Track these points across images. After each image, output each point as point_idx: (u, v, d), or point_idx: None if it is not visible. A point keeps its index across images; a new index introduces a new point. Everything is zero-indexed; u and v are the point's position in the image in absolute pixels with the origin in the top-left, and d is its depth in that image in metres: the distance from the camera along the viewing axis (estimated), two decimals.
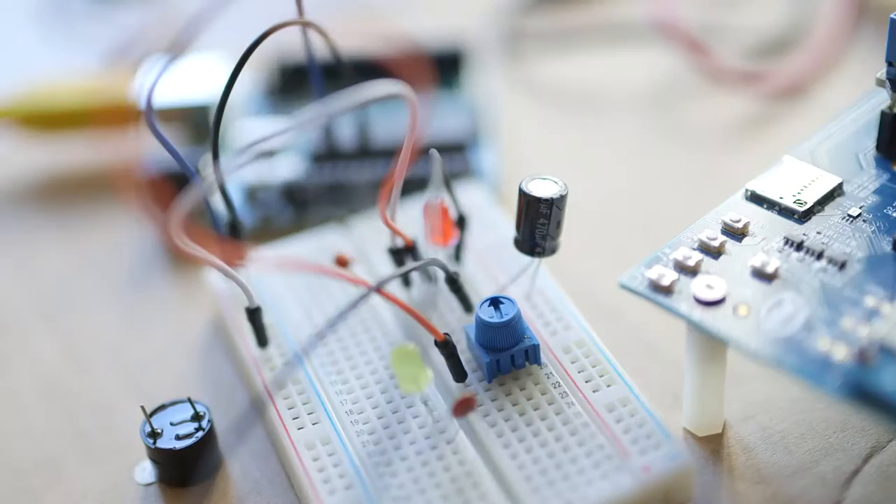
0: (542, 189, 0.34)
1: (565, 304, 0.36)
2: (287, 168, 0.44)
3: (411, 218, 0.39)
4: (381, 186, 0.32)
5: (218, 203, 0.43)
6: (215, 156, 0.35)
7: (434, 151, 0.34)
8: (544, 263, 0.38)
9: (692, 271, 0.33)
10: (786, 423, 0.35)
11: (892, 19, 0.34)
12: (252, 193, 0.43)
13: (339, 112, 0.29)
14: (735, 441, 0.34)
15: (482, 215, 0.40)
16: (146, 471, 0.35)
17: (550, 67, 0.51)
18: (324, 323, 0.36)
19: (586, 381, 0.34)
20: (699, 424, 0.35)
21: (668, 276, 0.33)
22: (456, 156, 0.44)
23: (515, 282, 0.37)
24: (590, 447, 0.32)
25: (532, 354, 0.34)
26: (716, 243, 0.34)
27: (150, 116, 0.33)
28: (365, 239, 0.40)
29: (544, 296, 0.37)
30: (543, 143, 0.47)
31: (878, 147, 0.37)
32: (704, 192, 0.40)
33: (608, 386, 0.34)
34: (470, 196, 0.41)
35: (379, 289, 0.32)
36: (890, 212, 0.34)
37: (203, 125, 0.47)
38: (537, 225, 0.35)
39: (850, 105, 0.38)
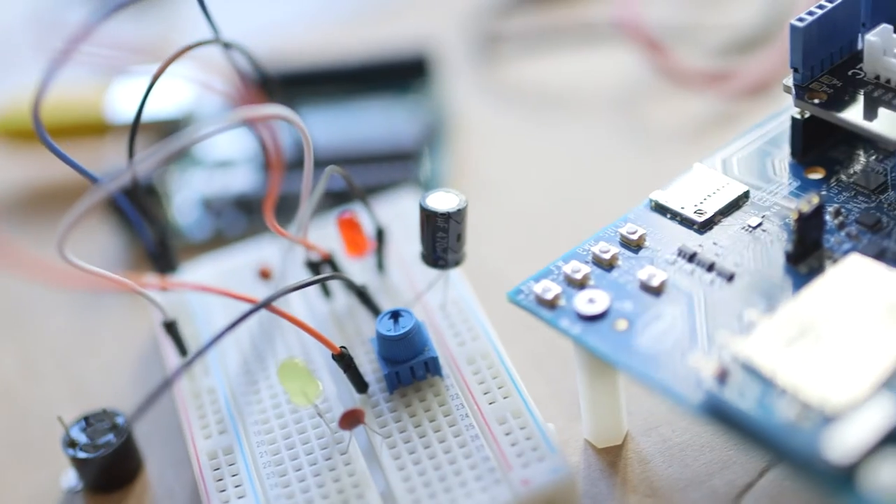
0: (441, 203, 0.35)
1: (477, 314, 0.37)
2: (240, 179, 0.45)
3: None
4: (265, 200, 0.33)
5: (178, 215, 0.45)
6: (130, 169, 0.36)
7: (334, 167, 0.35)
8: (469, 272, 0.39)
9: (579, 285, 0.33)
10: (687, 436, 0.34)
11: (793, 25, 0.34)
12: (207, 204, 0.45)
13: (212, 135, 0.30)
14: (634, 453, 0.34)
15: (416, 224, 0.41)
16: (70, 478, 0.37)
17: (522, 70, 0.51)
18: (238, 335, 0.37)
19: (484, 393, 0.34)
20: (598, 436, 0.35)
21: (552, 290, 0.33)
22: (407, 163, 0.44)
23: (434, 292, 0.37)
24: (475, 460, 0.33)
25: (432, 366, 0.35)
26: (607, 256, 0.33)
27: (40, 128, 0.33)
28: (299, 251, 0.41)
29: (459, 306, 0.37)
30: (507, 148, 0.47)
31: (793, 154, 0.36)
32: None
33: (505, 398, 0.34)
34: (410, 204, 0.41)
35: (268, 304, 0.33)
36: (790, 222, 0.34)
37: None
38: (437, 238, 0.35)
39: (773, 110, 0.38)
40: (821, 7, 0.34)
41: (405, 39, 0.51)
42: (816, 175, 0.35)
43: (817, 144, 0.36)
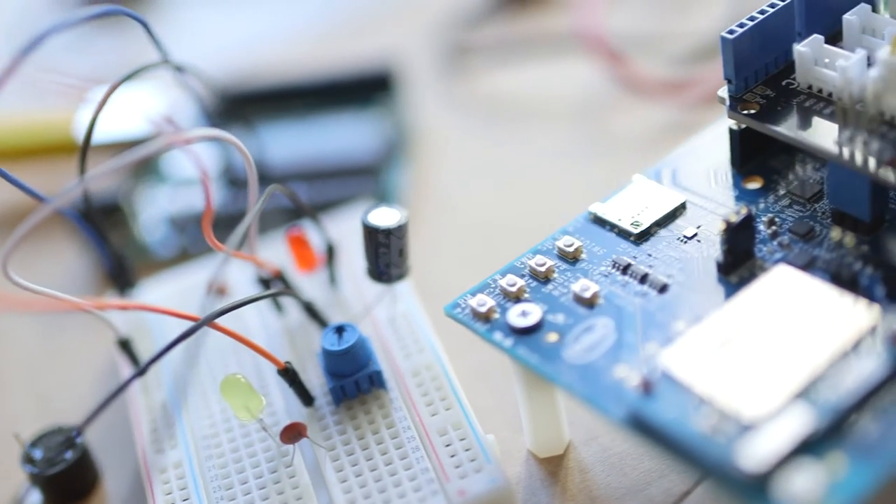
0: (383, 219, 0.35)
1: (423, 327, 0.37)
2: (198, 196, 0.46)
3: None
4: (203, 218, 0.33)
5: (144, 233, 0.46)
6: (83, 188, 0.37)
7: (276, 186, 0.36)
8: (425, 285, 0.39)
9: (515, 298, 0.34)
10: (626, 445, 0.35)
11: (723, 38, 0.34)
12: (173, 221, 0.45)
13: (146, 157, 0.31)
14: (575, 462, 0.35)
15: None
16: (30, 492, 0.38)
17: (487, 82, 0.51)
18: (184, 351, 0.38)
19: (427, 405, 0.35)
20: (539, 446, 0.35)
21: (487, 303, 0.33)
22: (367, 178, 0.45)
23: (385, 305, 0.38)
24: (415, 471, 0.33)
25: (376, 380, 0.36)
26: (543, 269, 0.34)
27: None
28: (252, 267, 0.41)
29: (407, 319, 0.38)
30: (468, 160, 0.48)
31: (732, 164, 0.36)
32: None
33: (447, 409, 0.35)
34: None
35: (210, 322, 0.34)
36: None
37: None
38: (379, 254, 0.36)
39: (716, 119, 0.38)
40: (752, 19, 0.34)
41: (373, 54, 0.51)
42: (754, 184, 0.35)
43: (757, 154, 0.36)
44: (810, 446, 0.28)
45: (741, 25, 0.34)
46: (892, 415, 0.28)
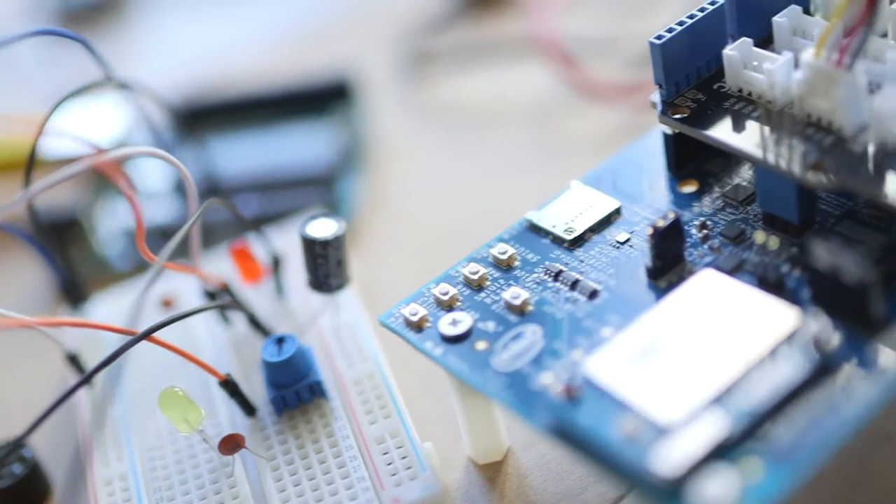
0: (320, 230, 0.36)
1: (367, 337, 0.37)
2: (164, 209, 0.46)
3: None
4: (136, 231, 0.34)
5: (103, 246, 0.46)
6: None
7: (214, 200, 0.36)
8: (377, 294, 0.39)
9: (447, 306, 0.34)
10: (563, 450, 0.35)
11: (651, 43, 0.34)
12: (132, 235, 0.46)
13: (68, 178, 0.31)
14: (513, 468, 0.35)
15: None
16: None
17: (447, 89, 0.51)
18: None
19: (367, 414, 0.35)
20: (478, 453, 0.35)
21: (419, 312, 0.33)
22: (322, 188, 0.45)
23: (332, 315, 0.38)
24: (352, 480, 0.34)
25: (317, 389, 0.36)
26: (476, 277, 0.34)
27: None
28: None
29: (352, 329, 0.38)
30: (426, 168, 0.48)
31: (668, 168, 0.36)
32: None
33: (385, 418, 0.35)
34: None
35: (149, 336, 0.34)
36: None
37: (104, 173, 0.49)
38: (318, 264, 0.36)
39: (654, 124, 0.38)
40: (681, 23, 0.34)
41: (334, 62, 0.52)
42: (690, 188, 0.36)
43: (693, 157, 0.36)
44: (726, 451, 0.28)
45: (670, 30, 0.34)
46: (808, 418, 0.28)
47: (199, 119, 0.49)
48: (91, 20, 0.61)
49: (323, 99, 0.49)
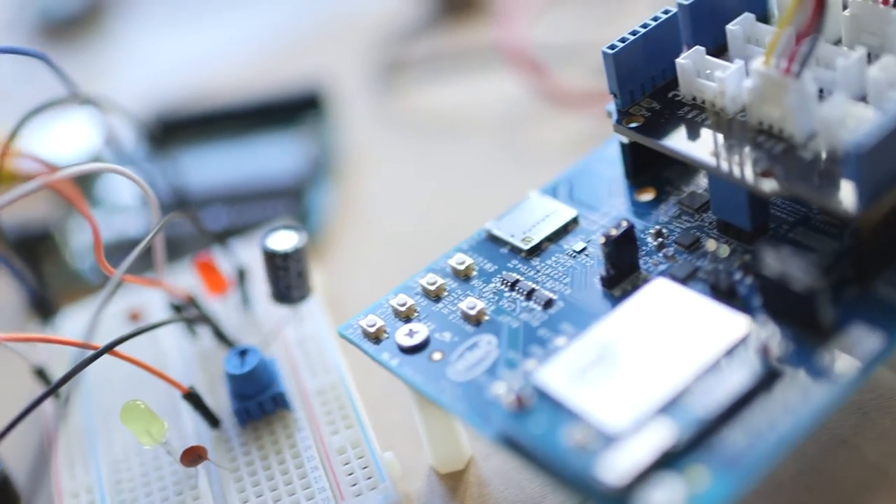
0: (280, 243, 0.36)
1: (331, 347, 0.38)
2: (135, 222, 0.46)
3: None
4: (95, 245, 0.34)
5: (76, 260, 0.46)
6: None
7: (175, 214, 0.36)
8: (346, 305, 0.40)
9: (405, 317, 0.34)
10: None
11: (604, 52, 0.34)
12: (105, 248, 0.46)
13: (19, 197, 0.31)
14: (475, 477, 0.35)
15: None
16: None
17: (420, 98, 0.52)
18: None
19: (329, 424, 0.36)
20: (440, 462, 0.36)
21: (377, 323, 0.34)
22: (291, 199, 0.45)
23: (297, 326, 0.39)
24: (313, 490, 0.34)
25: (280, 401, 0.36)
26: (433, 287, 0.34)
27: None
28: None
29: (316, 340, 0.38)
30: (397, 177, 0.48)
31: (626, 176, 0.37)
32: None
33: (347, 428, 0.35)
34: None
35: (111, 350, 0.34)
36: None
37: (76, 186, 0.49)
38: (279, 276, 0.36)
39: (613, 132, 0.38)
40: (634, 33, 0.35)
41: (307, 73, 0.52)
42: (647, 196, 0.36)
43: (651, 165, 0.36)
44: (672, 459, 0.28)
45: (623, 40, 0.35)
46: (756, 426, 0.28)
47: (171, 132, 0.49)
48: (71, 33, 0.62)
49: (294, 110, 0.49)
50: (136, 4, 0.64)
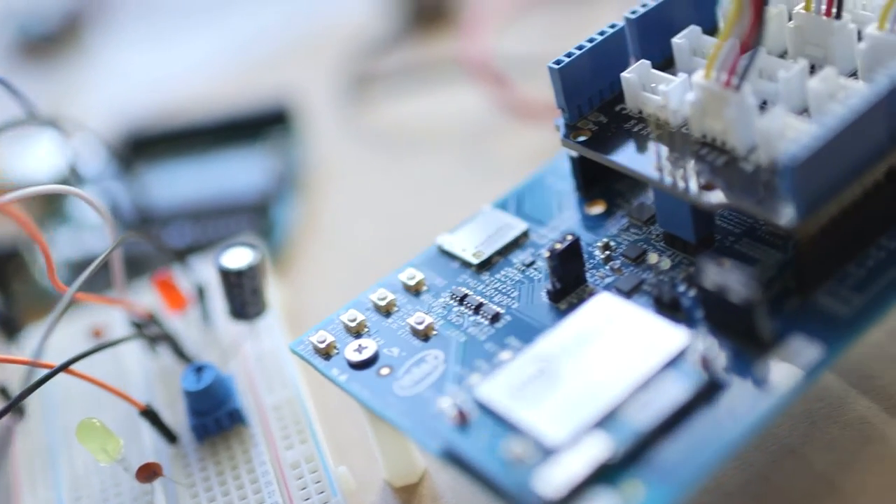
0: (234, 260, 0.36)
1: (288, 362, 0.38)
2: (102, 240, 0.47)
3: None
4: (46, 264, 0.34)
5: (44, 278, 0.47)
6: None
7: (129, 234, 0.36)
8: (304, 319, 0.40)
9: (355, 333, 0.34)
10: None
11: (550, 67, 0.35)
12: (73, 266, 0.47)
13: None
14: (428, 490, 0.35)
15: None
16: None
17: (388, 112, 0.52)
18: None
19: (284, 439, 0.36)
20: (394, 476, 0.36)
21: (327, 339, 0.34)
22: (256, 214, 0.46)
23: (256, 341, 0.39)
24: None
25: (237, 417, 0.36)
26: (384, 303, 0.35)
27: None
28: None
29: (274, 355, 0.39)
30: (363, 191, 0.48)
31: (578, 189, 0.37)
32: None
33: (302, 443, 0.36)
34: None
35: (66, 368, 0.35)
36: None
37: (47, 204, 0.50)
38: (234, 294, 0.37)
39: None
40: (580, 47, 0.35)
41: (277, 87, 0.52)
42: (598, 209, 0.36)
43: (602, 178, 0.37)
44: (609, 473, 0.28)
45: (569, 55, 0.35)
46: (693, 438, 0.29)
47: (142, 149, 0.50)
48: (49, 51, 0.62)
49: (261, 125, 0.49)
50: (114, 22, 0.64)
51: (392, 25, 0.56)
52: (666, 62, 0.36)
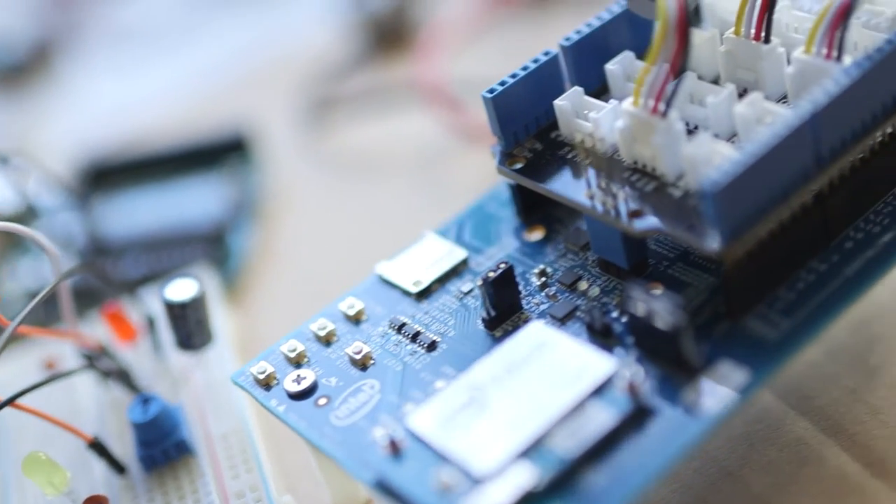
0: (178, 292, 0.37)
1: (236, 391, 0.38)
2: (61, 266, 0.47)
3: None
4: None
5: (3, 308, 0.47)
6: None
7: (76, 268, 0.37)
8: (259, 347, 0.40)
9: (295, 363, 0.35)
10: None
11: (484, 96, 0.35)
12: (32, 295, 0.47)
13: None
14: None
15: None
16: None
17: (349, 136, 0.52)
18: None
19: (230, 469, 0.36)
20: (337, 502, 0.36)
21: (267, 370, 0.34)
22: (211, 243, 0.46)
23: (207, 371, 0.39)
24: None
25: (183, 447, 0.37)
26: (324, 333, 0.35)
27: None
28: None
29: (224, 385, 0.39)
30: (320, 217, 0.49)
31: (518, 215, 0.37)
32: None
33: (247, 472, 0.36)
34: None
35: (12, 403, 0.35)
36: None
37: (7, 236, 0.50)
38: (178, 325, 0.37)
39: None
40: (514, 76, 0.35)
41: (240, 115, 0.53)
42: (537, 235, 0.36)
43: (540, 204, 0.37)
44: (534, 501, 0.28)
45: (503, 83, 0.35)
46: (620, 464, 0.29)
47: (102, 178, 0.50)
48: (18, 80, 0.63)
49: (219, 153, 0.50)
50: (83, 50, 0.65)
51: (352, 50, 0.56)
52: (602, 88, 0.36)
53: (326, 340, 0.35)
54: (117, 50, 0.63)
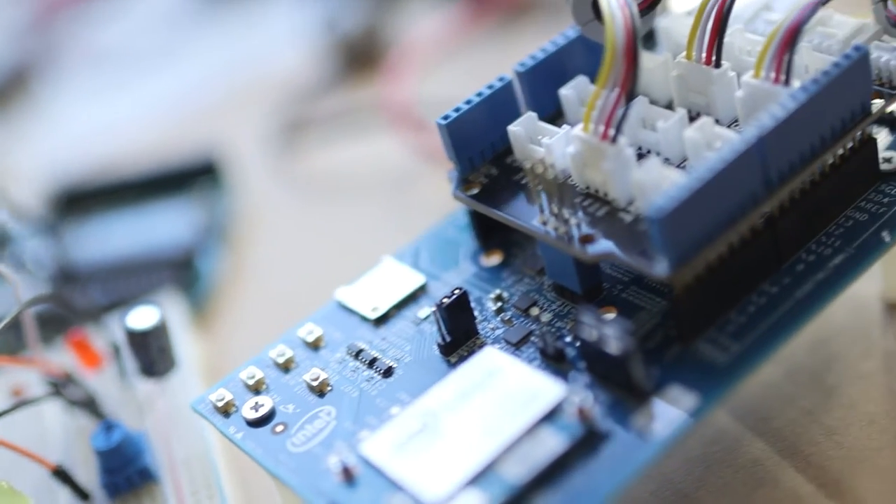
0: (139, 321, 0.37)
1: (200, 417, 0.39)
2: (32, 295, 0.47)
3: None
4: None
5: None
6: None
7: (39, 297, 0.37)
8: (218, 373, 0.41)
9: (254, 390, 0.35)
10: None
11: (438, 123, 0.35)
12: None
13: None
14: None
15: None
16: None
17: (320, 158, 0.53)
18: None
19: (192, 495, 0.36)
20: None
21: (225, 398, 0.35)
22: (179, 268, 0.47)
23: (173, 397, 0.40)
24: None
25: (146, 474, 0.37)
26: (282, 360, 0.35)
27: None
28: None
29: (188, 410, 0.39)
30: (290, 241, 0.49)
31: (476, 240, 0.37)
32: None
33: (209, 499, 0.36)
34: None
35: None
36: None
37: None
38: (141, 353, 0.37)
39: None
40: (468, 102, 0.35)
41: (212, 138, 0.53)
42: (495, 260, 0.36)
43: (499, 228, 0.37)
44: None
45: (457, 109, 0.35)
46: (570, 489, 0.29)
47: (72, 204, 0.51)
48: None
49: (189, 178, 0.50)
50: (61, 74, 0.65)
51: (323, 73, 0.56)
52: (558, 112, 0.36)
53: (285, 367, 0.35)
54: (93, 73, 0.64)
